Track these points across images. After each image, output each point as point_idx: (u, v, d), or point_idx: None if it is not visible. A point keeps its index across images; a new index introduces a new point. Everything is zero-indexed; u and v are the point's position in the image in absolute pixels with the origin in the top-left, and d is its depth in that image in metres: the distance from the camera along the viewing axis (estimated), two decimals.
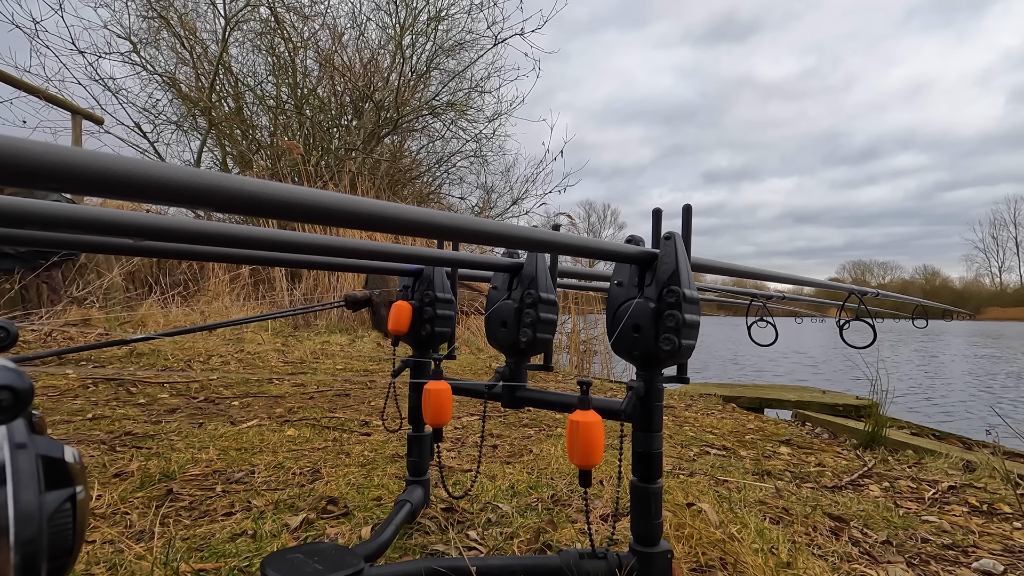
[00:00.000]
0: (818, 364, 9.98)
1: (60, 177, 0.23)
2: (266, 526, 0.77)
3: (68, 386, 1.66)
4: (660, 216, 0.63)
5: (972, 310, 11.35)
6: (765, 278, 1.06)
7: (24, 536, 0.22)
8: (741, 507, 0.97)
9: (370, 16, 6.87)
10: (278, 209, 0.30)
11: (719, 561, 0.72)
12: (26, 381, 0.23)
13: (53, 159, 0.22)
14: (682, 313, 0.57)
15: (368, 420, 1.48)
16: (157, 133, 6.51)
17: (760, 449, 1.59)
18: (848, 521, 1.01)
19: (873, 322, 1.45)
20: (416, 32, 6.90)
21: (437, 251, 0.64)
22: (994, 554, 0.92)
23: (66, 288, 3.05)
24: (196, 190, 0.26)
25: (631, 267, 0.62)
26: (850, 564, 0.82)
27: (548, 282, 0.69)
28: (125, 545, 0.70)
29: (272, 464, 1.06)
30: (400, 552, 0.73)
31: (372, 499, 0.90)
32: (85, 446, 1.13)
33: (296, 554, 0.57)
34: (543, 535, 0.78)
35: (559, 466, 1.14)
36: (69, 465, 0.25)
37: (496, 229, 0.43)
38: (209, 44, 6.55)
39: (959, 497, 1.24)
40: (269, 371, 2.14)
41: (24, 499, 0.23)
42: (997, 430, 1.94)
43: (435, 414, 0.69)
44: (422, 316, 0.79)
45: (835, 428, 2.16)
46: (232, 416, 1.45)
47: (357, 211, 0.33)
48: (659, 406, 0.60)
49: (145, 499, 0.86)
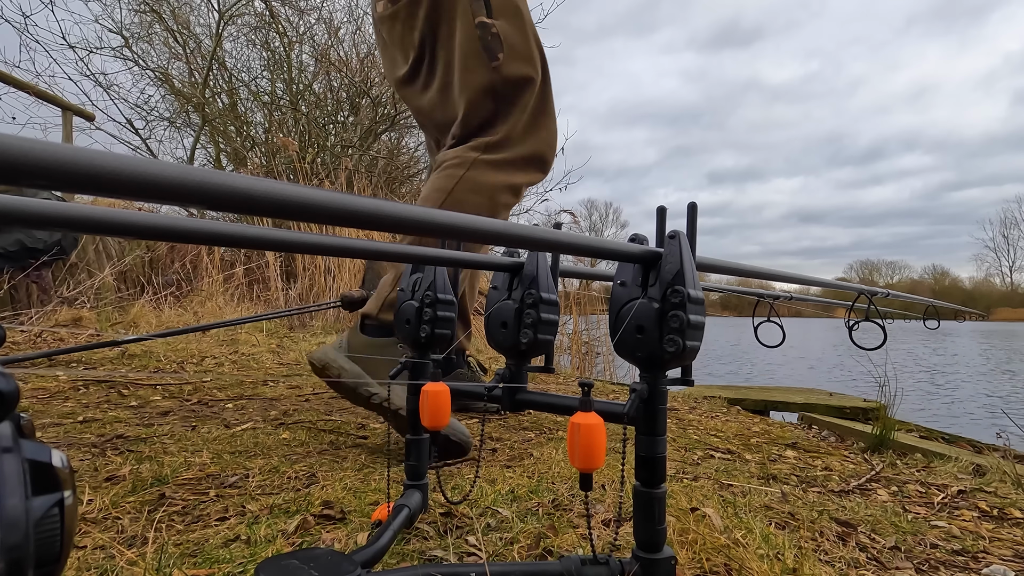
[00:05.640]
0: (825, 365, 9.97)
1: (48, 174, 0.22)
2: (261, 531, 0.77)
3: (58, 388, 1.66)
4: (664, 214, 0.62)
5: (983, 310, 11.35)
6: (771, 278, 1.05)
7: (9, 543, 0.22)
8: (746, 512, 0.97)
9: (367, 10, 6.87)
10: (272, 207, 0.30)
11: (724, 567, 0.72)
12: (11, 384, 0.23)
13: (41, 156, 0.22)
14: (687, 314, 0.57)
15: (365, 423, 1.47)
16: (149, 129, 6.53)
17: (766, 452, 1.59)
18: (855, 526, 1.00)
19: (883, 323, 1.45)
20: None
21: (437, 250, 0.64)
22: (1004, 559, 0.92)
23: (56, 288, 3.05)
24: (187, 187, 0.26)
25: (634, 267, 0.61)
26: (857, 570, 0.82)
27: (549, 282, 0.69)
28: (116, 551, 0.69)
29: (267, 468, 1.06)
30: (398, 558, 0.72)
31: (369, 504, 0.90)
32: (76, 449, 1.12)
33: (291, 560, 0.57)
34: (544, 540, 0.78)
35: (560, 470, 1.14)
36: (57, 469, 0.25)
37: (496, 228, 0.42)
38: (203, 39, 6.56)
39: (969, 502, 1.24)
40: (264, 373, 2.13)
41: (9, 505, 0.22)
42: (1008, 433, 1.94)
43: (433, 416, 0.69)
44: (422, 317, 0.79)
45: (842, 431, 2.16)
46: (226, 419, 1.45)
47: (354, 209, 0.33)
48: (663, 409, 0.60)
49: (137, 504, 0.86)
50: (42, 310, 2.75)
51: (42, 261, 2.87)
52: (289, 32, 6.48)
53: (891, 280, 73.83)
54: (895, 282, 72.25)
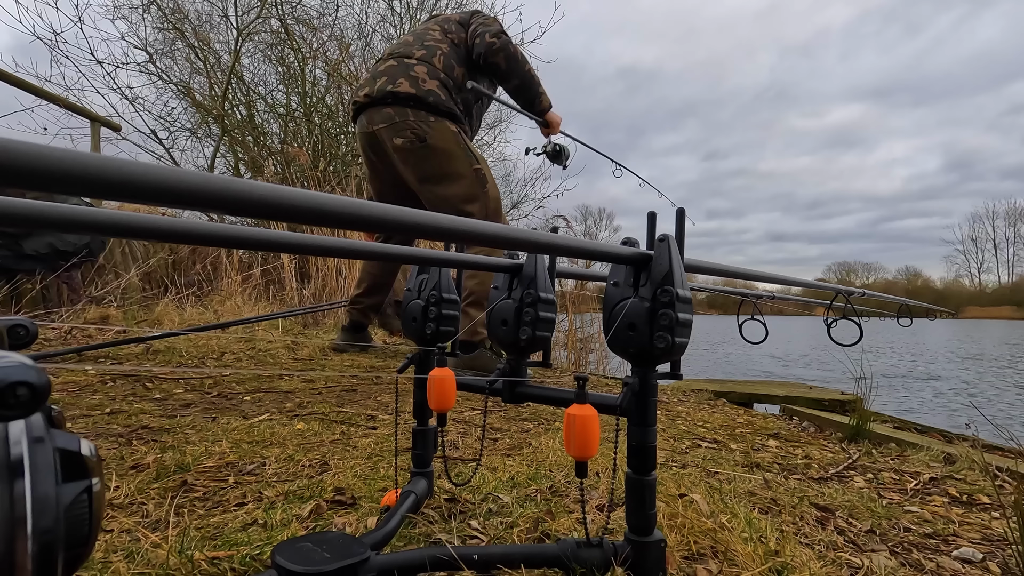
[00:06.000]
0: (805, 360, 9.97)
1: (79, 182, 0.22)
2: (277, 516, 0.77)
3: (87, 382, 1.66)
4: (655, 219, 0.62)
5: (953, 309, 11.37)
6: (755, 278, 1.05)
7: (41, 526, 0.22)
8: (731, 498, 0.97)
9: (375, 28, 6.87)
10: (288, 212, 0.30)
11: (710, 549, 0.72)
12: (43, 377, 0.23)
13: (72, 165, 0.22)
14: (676, 312, 0.57)
15: (374, 414, 1.47)
16: (172, 139, 6.52)
17: (749, 442, 1.59)
18: (834, 511, 1.00)
19: (859, 320, 1.45)
20: None
21: (442, 252, 0.64)
22: (973, 543, 0.92)
23: (85, 288, 3.05)
24: (207, 194, 0.26)
25: (626, 268, 0.62)
26: (835, 552, 0.82)
27: (547, 282, 0.69)
28: (141, 534, 0.69)
29: (282, 457, 1.06)
30: (405, 541, 0.72)
31: (379, 490, 0.90)
32: (103, 439, 1.12)
33: (305, 543, 0.57)
34: (542, 524, 0.78)
35: (557, 458, 1.14)
36: (86, 458, 0.25)
37: (497, 232, 0.42)
38: (222, 54, 6.55)
39: (940, 488, 1.24)
40: (279, 367, 2.13)
41: (41, 491, 0.22)
42: (976, 424, 1.94)
43: (439, 400, 0.69)
44: (427, 315, 0.79)
45: (821, 422, 2.16)
46: (244, 411, 1.44)
47: (363, 214, 0.33)
48: (653, 401, 0.60)
49: (161, 490, 0.86)
50: (72, 309, 2.75)
51: (72, 263, 2.86)
52: (303, 48, 6.47)
53: (867, 280, 73.83)
54: (871, 282, 72.21)
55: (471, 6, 6.79)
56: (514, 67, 2.17)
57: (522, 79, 2.20)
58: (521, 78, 2.19)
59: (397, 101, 2.09)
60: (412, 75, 2.10)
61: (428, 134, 2.09)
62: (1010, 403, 5.75)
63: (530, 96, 2.25)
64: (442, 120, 2.11)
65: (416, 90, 2.08)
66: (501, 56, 2.13)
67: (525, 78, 2.20)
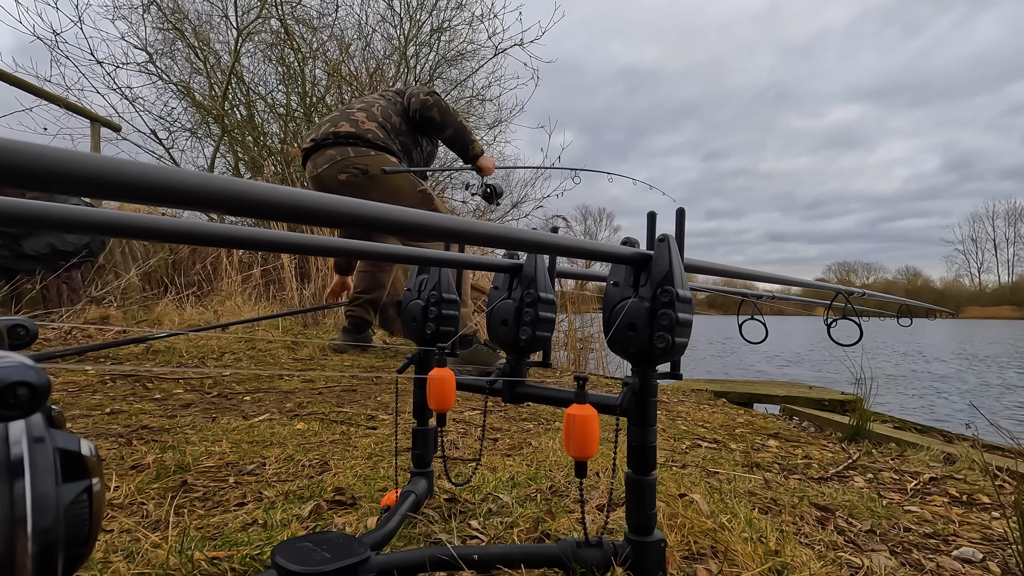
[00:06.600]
0: (805, 360, 9.96)
1: (78, 182, 0.22)
2: (277, 516, 0.77)
3: (87, 382, 1.66)
4: (655, 219, 0.62)
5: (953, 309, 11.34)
6: (754, 278, 1.05)
7: (41, 526, 0.22)
8: (731, 498, 0.97)
9: (376, 28, 6.87)
10: (287, 212, 0.30)
11: (710, 549, 0.72)
12: (43, 377, 0.23)
13: (71, 164, 0.22)
14: (675, 312, 0.57)
15: (374, 414, 1.47)
16: (172, 139, 6.51)
17: (749, 442, 1.59)
18: (834, 511, 1.00)
19: (859, 320, 1.44)
20: (420, 43, 6.90)
21: (442, 252, 0.64)
22: (973, 543, 0.92)
23: (85, 288, 3.05)
24: (207, 194, 0.26)
25: (626, 268, 0.61)
26: (835, 552, 0.82)
27: (547, 282, 0.69)
28: (141, 534, 0.69)
29: (282, 457, 1.06)
30: (405, 540, 0.72)
31: (379, 490, 0.90)
32: (103, 439, 1.12)
33: (305, 543, 0.57)
34: (542, 524, 0.78)
35: (557, 458, 1.14)
36: (85, 458, 0.25)
37: (497, 232, 0.42)
38: (222, 55, 6.54)
39: (940, 488, 1.24)
40: (279, 367, 2.13)
41: (41, 491, 0.22)
42: (976, 424, 1.94)
43: (439, 399, 0.69)
44: (427, 315, 0.79)
45: (821, 422, 2.16)
46: (244, 411, 1.44)
47: (363, 214, 0.33)
48: (653, 401, 0.60)
49: (161, 490, 0.86)
50: (72, 309, 2.75)
51: (72, 263, 2.86)
52: (303, 48, 6.47)
53: (867, 280, 73.76)
54: (871, 282, 72.16)
55: (469, 5, 6.79)
56: (447, 119, 2.36)
57: (456, 129, 2.38)
58: (455, 128, 2.38)
59: (338, 140, 2.25)
60: (352, 119, 2.29)
61: (369, 166, 2.23)
62: (1008, 405, 5.75)
63: (463, 144, 2.41)
64: (381, 154, 2.27)
65: (355, 129, 2.26)
66: (435, 110, 2.34)
67: (458, 128, 2.39)
